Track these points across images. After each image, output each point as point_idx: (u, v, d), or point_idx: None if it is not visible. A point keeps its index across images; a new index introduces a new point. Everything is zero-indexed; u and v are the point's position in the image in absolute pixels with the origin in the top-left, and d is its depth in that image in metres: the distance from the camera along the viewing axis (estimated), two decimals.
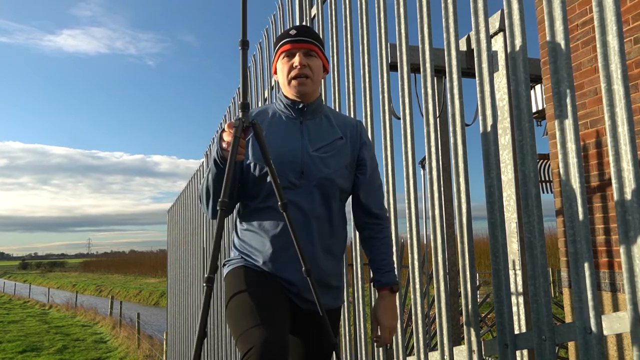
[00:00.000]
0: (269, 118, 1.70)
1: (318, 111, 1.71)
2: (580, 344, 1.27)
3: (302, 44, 1.65)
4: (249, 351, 1.34)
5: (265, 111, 1.73)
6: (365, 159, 1.73)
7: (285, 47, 1.66)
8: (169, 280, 8.94)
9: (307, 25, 1.75)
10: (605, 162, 3.30)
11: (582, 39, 3.44)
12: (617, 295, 3.19)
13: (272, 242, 1.60)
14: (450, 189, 3.85)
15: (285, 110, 1.69)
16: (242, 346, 1.39)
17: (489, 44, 1.57)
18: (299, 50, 1.65)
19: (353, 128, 1.74)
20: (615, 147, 1.19)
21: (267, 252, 1.60)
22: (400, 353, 2.04)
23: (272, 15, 3.54)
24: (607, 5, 1.21)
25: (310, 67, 1.65)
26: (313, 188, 1.61)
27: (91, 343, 14.17)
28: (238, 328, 1.45)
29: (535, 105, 5.49)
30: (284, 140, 1.64)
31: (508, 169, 2.35)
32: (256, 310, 1.45)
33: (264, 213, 1.62)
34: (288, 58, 1.66)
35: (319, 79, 1.71)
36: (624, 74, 1.17)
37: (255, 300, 1.50)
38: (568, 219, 1.28)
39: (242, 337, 1.40)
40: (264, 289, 1.56)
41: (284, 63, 1.67)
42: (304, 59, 1.64)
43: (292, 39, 1.65)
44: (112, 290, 33.37)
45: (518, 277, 2.32)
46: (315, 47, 1.67)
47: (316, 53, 1.68)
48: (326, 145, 1.66)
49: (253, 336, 1.37)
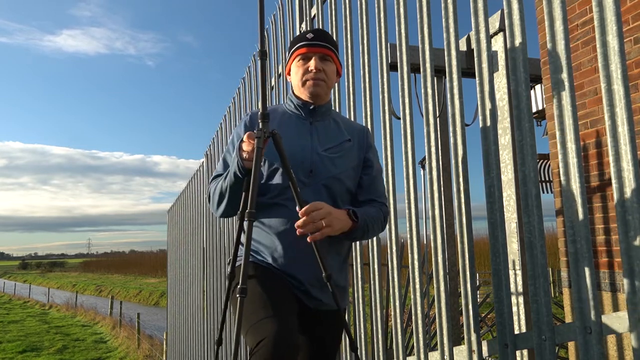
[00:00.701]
0: (279, 117, 1.72)
1: (327, 114, 1.74)
2: (580, 344, 1.27)
3: (318, 48, 1.68)
4: (260, 343, 1.34)
5: (275, 110, 1.76)
6: (371, 160, 1.75)
7: (301, 50, 1.69)
8: (169, 280, 8.94)
9: (324, 30, 1.78)
10: (605, 162, 3.30)
11: (582, 39, 3.44)
12: (617, 295, 3.19)
13: (281, 240, 1.61)
14: (450, 189, 3.85)
15: (296, 111, 1.72)
16: (252, 339, 1.38)
17: (489, 44, 1.57)
18: (315, 54, 1.68)
19: (360, 132, 1.77)
20: (615, 147, 1.19)
21: (275, 250, 1.61)
22: (400, 353, 2.04)
23: (272, 15, 3.54)
24: (607, 5, 1.21)
25: (325, 71, 1.68)
26: (321, 187, 1.63)
27: (91, 343, 14.17)
28: (247, 321, 1.44)
29: (535, 105, 5.48)
30: (294, 139, 1.66)
31: (508, 169, 2.35)
32: (266, 304, 1.46)
33: (272, 210, 1.63)
34: (304, 61, 1.69)
35: (332, 83, 1.73)
36: (624, 74, 1.17)
37: (264, 294, 1.50)
38: (568, 219, 1.28)
39: (252, 329, 1.40)
40: (272, 283, 1.56)
41: (299, 66, 1.70)
42: (320, 63, 1.67)
43: (309, 42, 1.68)
44: (112, 290, 33.36)
45: (518, 277, 2.32)
46: (331, 52, 1.70)
47: (331, 58, 1.71)
48: (335, 146, 1.68)
49: (263, 328, 1.37)
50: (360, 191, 1.74)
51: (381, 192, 1.77)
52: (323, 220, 1.47)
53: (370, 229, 1.65)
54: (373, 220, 1.65)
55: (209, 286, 5.19)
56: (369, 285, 2.29)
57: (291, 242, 1.60)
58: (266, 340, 1.33)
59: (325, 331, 1.68)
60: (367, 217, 1.63)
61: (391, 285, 2.07)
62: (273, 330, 1.35)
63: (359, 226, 1.59)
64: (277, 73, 3.31)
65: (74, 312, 21.45)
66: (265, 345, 1.32)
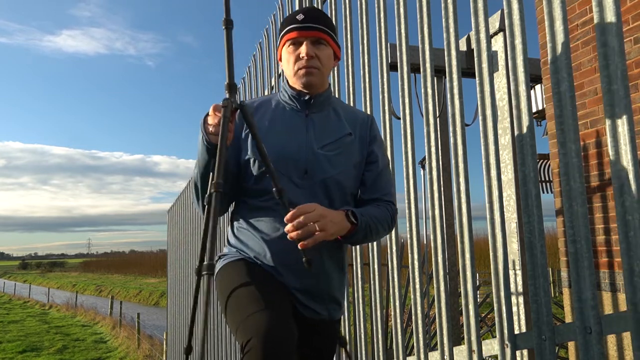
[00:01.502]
0: (272, 109, 1.55)
1: (326, 104, 1.56)
2: (580, 344, 1.27)
3: (310, 31, 1.48)
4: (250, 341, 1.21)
5: (269, 101, 1.58)
6: (375, 154, 1.57)
7: (291, 34, 1.49)
8: (169, 280, 8.94)
9: (317, 8, 1.55)
10: (605, 162, 3.30)
11: (582, 39, 3.44)
12: (617, 295, 3.19)
13: (270, 248, 1.47)
14: (450, 189, 3.85)
15: (290, 102, 1.54)
16: (242, 335, 1.25)
17: (489, 44, 1.57)
18: (306, 38, 1.48)
19: (363, 122, 1.59)
20: (615, 147, 1.19)
21: (265, 258, 1.48)
22: (400, 353, 2.04)
23: (272, 15, 3.54)
24: (607, 5, 1.21)
25: (319, 57, 1.49)
26: (317, 189, 1.48)
27: (91, 343, 14.17)
28: (236, 317, 1.31)
29: (535, 105, 5.49)
30: (287, 134, 1.50)
31: (508, 169, 2.35)
32: (257, 297, 1.33)
33: (262, 213, 1.49)
34: (295, 46, 1.50)
35: (329, 69, 1.54)
36: (624, 74, 1.17)
37: (256, 287, 1.37)
38: (568, 219, 1.28)
39: (242, 325, 1.27)
40: (265, 276, 1.44)
41: (289, 52, 1.51)
42: (312, 48, 1.48)
43: (299, 25, 1.48)
44: (112, 290, 33.36)
45: (518, 277, 2.32)
46: (325, 35, 1.50)
47: (326, 41, 1.51)
48: (333, 142, 1.51)
49: (254, 323, 1.24)
50: (363, 189, 1.56)
51: (387, 190, 1.57)
52: (316, 224, 1.31)
53: (373, 231, 1.48)
54: (377, 221, 1.48)
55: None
56: (369, 285, 2.29)
57: (282, 250, 1.45)
58: (256, 338, 1.20)
59: (323, 342, 1.56)
60: (370, 218, 1.46)
61: (391, 285, 2.07)
62: (264, 326, 1.22)
63: (358, 229, 1.43)
64: (277, 73, 3.30)
65: (74, 312, 21.45)
66: (254, 345, 1.19)
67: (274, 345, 1.19)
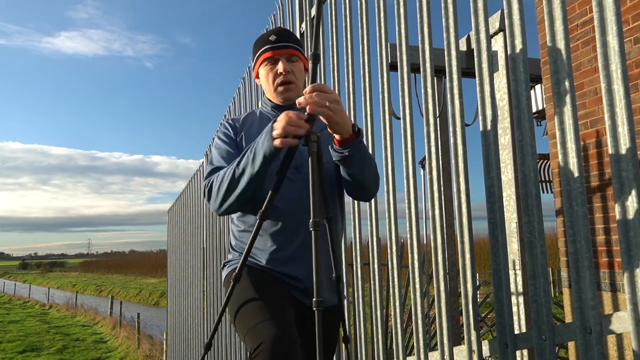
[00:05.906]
0: (257, 119, 1.73)
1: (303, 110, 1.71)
2: (580, 344, 1.27)
3: (283, 49, 1.67)
4: (259, 346, 1.33)
5: (253, 113, 1.78)
6: None
7: (267, 54, 1.68)
8: (169, 281, 8.94)
9: (285, 29, 1.77)
10: (605, 162, 3.30)
11: (582, 39, 3.44)
12: (617, 295, 3.20)
13: (274, 239, 1.60)
14: (450, 189, 3.85)
15: (273, 112, 1.73)
16: (251, 342, 1.37)
17: (489, 44, 1.57)
18: (281, 56, 1.67)
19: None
20: (615, 147, 1.19)
21: (269, 250, 1.61)
22: (400, 353, 2.04)
23: (272, 15, 3.54)
24: (607, 5, 1.21)
25: (294, 72, 1.68)
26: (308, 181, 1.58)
27: (91, 343, 14.17)
28: (245, 325, 1.43)
29: (535, 105, 5.49)
30: None
31: (508, 169, 2.35)
32: (263, 307, 1.45)
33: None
34: (271, 65, 1.68)
35: (302, 81, 1.74)
36: (624, 74, 1.17)
37: (261, 297, 1.49)
38: (568, 219, 1.28)
39: (251, 332, 1.39)
40: (270, 286, 1.56)
41: (267, 70, 1.70)
42: (287, 64, 1.67)
43: (273, 45, 1.67)
44: (112, 290, 33.37)
45: (518, 277, 2.32)
46: (296, 51, 1.70)
47: (297, 57, 1.70)
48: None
49: (263, 331, 1.36)
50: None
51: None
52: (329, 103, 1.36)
53: (367, 162, 1.56)
54: (370, 157, 1.57)
55: (209, 286, 5.19)
56: (369, 285, 2.29)
57: (285, 241, 1.60)
58: (265, 345, 1.32)
59: (325, 328, 1.66)
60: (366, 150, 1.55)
61: (391, 285, 2.07)
62: (271, 334, 1.34)
63: (359, 140, 1.49)
64: None
65: (74, 312, 21.46)
66: (264, 350, 1.31)
67: (282, 348, 1.32)
